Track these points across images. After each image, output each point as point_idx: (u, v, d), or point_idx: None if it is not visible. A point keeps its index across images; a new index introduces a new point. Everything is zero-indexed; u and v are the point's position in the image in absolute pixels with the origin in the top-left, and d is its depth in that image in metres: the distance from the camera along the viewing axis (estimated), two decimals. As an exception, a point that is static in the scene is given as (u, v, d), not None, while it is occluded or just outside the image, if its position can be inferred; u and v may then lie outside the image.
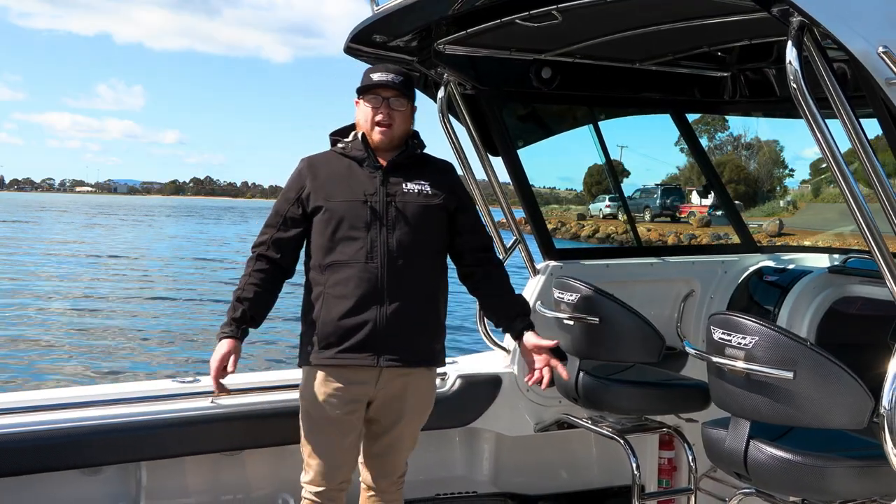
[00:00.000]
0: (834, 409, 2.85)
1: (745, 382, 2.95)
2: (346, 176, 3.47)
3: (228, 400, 3.94)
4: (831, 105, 2.57)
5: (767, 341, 2.88)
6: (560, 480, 4.85)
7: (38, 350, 15.39)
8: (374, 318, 3.37)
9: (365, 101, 3.47)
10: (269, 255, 3.51)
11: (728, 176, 57.89)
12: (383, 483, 3.65)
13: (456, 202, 3.55)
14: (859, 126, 2.57)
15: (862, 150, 2.58)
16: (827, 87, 2.56)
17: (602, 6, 3.12)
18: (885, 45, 2.47)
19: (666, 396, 4.09)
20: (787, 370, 2.81)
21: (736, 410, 3.06)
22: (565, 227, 51.49)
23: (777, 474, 2.94)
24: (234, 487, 4.11)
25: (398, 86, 3.44)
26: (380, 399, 3.51)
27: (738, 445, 3.02)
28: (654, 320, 4.40)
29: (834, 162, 2.59)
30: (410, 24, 3.83)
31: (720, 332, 3.03)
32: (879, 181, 2.58)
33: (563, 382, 4.18)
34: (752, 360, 2.89)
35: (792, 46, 2.52)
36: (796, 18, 2.50)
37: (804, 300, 4.50)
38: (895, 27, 2.56)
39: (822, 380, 2.83)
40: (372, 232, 3.39)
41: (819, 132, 2.57)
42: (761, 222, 42.92)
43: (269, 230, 3.54)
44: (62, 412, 3.71)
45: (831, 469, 2.89)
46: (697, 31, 3.58)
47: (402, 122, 3.49)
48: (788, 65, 2.52)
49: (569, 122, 5.09)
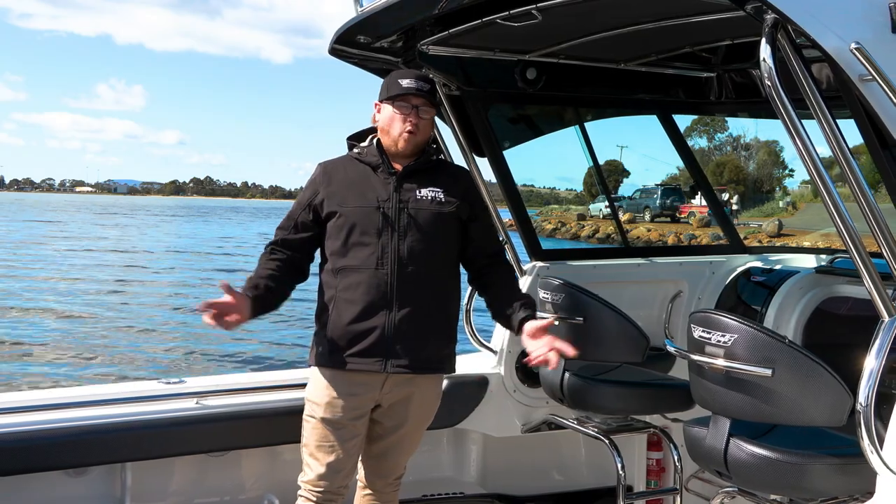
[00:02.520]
0: (813, 406, 2.86)
1: (725, 380, 2.96)
2: (360, 181, 3.49)
3: (214, 401, 3.96)
4: (807, 104, 2.58)
5: (746, 339, 2.89)
6: (548, 481, 4.85)
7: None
8: (383, 325, 3.39)
9: (394, 107, 3.46)
10: (280, 251, 3.54)
11: (727, 176, 57.97)
12: (380, 483, 3.66)
13: (469, 209, 3.55)
14: (835, 125, 2.58)
15: (838, 149, 2.58)
16: (802, 85, 2.56)
17: (580, 5, 3.13)
18: (857, 42, 2.47)
19: (651, 396, 4.10)
20: (765, 367, 2.82)
21: (716, 408, 3.06)
22: (565, 228, 51.51)
23: (757, 472, 2.94)
24: (219, 488, 4.11)
25: (427, 94, 3.45)
26: (385, 403, 3.53)
27: (719, 443, 3.02)
28: (643, 321, 4.40)
29: (810, 161, 2.59)
30: (394, 25, 3.84)
31: (700, 330, 3.03)
32: (856, 181, 2.58)
33: (549, 383, 4.19)
34: (731, 357, 2.90)
35: (766, 44, 2.53)
36: (770, 16, 2.51)
37: (791, 300, 4.51)
38: (868, 24, 2.56)
39: (801, 377, 2.84)
40: (383, 238, 3.40)
41: (794, 130, 2.58)
42: (761, 223, 42.95)
43: (280, 232, 3.59)
44: (47, 413, 3.71)
45: (810, 467, 2.90)
46: (679, 30, 3.59)
47: (426, 129, 3.51)
48: (763, 62, 2.53)
49: (555, 122, 5.10)
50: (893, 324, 2.62)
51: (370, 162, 3.51)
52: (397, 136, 3.46)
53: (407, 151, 3.48)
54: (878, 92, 2.52)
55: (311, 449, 3.50)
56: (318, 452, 3.48)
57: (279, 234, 3.59)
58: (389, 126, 3.48)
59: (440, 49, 4.04)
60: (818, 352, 2.84)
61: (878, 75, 2.48)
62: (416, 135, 3.46)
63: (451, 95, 4.39)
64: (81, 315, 19.87)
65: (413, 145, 3.47)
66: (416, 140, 3.47)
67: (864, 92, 2.53)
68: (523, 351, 4.51)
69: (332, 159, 3.64)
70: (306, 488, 3.50)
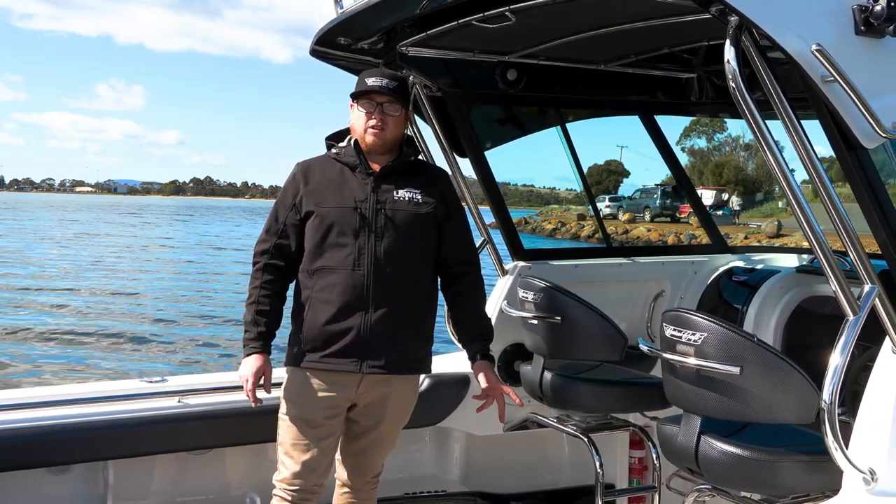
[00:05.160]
0: (781, 403, 2.88)
1: (695, 378, 2.98)
2: (338, 182, 3.49)
3: (196, 399, 3.99)
4: (772, 106, 2.61)
5: (716, 337, 2.91)
6: (531, 479, 4.87)
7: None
8: (359, 325, 3.40)
9: (359, 105, 3.48)
10: (275, 262, 3.53)
11: (727, 177, 57.97)
12: (357, 481, 3.68)
13: (445, 211, 3.56)
14: (799, 126, 2.61)
15: (802, 150, 2.61)
16: (766, 86, 2.59)
17: (552, 6, 3.14)
18: (818, 44, 2.49)
19: (629, 395, 4.12)
20: (734, 366, 2.84)
21: (687, 406, 3.09)
22: (565, 228, 51.48)
23: (727, 469, 2.97)
24: (201, 486, 4.13)
25: (392, 91, 3.45)
26: (361, 403, 3.54)
27: (690, 441, 3.05)
28: (625, 320, 4.42)
29: (774, 162, 2.62)
30: (373, 26, 3.85)
31: (671, 328, 3.06)
32: (820, 181, 2.61)
33: (528, 381, 4.22)
34: (701, 355, 2.93)
35: (730, 45, 2.55)
36: (734, 18, 2.53)
37: (772, 299, 4.53)
38: (832, 26, 2.59)
39: (769, 375, 2.87)
40: (360, 239, 3.41)
41: (758, 131, 2.61)
42: (760, 223, 42.93)
43: (270, 237, 3.55)
44: (29, 411, 3.74)
45: (780, 464, 2.92)
46: (655, 31, 3.61)
47: (395, 126, 3.50)
48: (727, 63, 2.56)
49: (537, 123, 5.12)
50: (858, 322, 2.65)
51: (348, 162, 3.52)
52: (363, 133, 3.48)
53: (375, 147, 3.49)
54: (841, 93, 2.54)
55: (287, 447, 3.52)
56: (293, 451, 3.49)
57: (269, 240, 3.54)
58: (356, 124, 3.51)
59: (420, 50, 4.06)
60: (798, 350, 2.86)
61: (839, 76, 2.50)
62: (384, 132, 3.46)
63: (432, 96, 4.41)
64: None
65: (382, 141, 3.48)
66: (384, 137, 3.47)
67: (827, 93, 2.56)
68: (504, 350, 4.55)
69: (310, 159, 3.64)
70: (281, 487, 3.51)
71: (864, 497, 2.64)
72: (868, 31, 2.59)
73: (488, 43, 4.01)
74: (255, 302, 3.50)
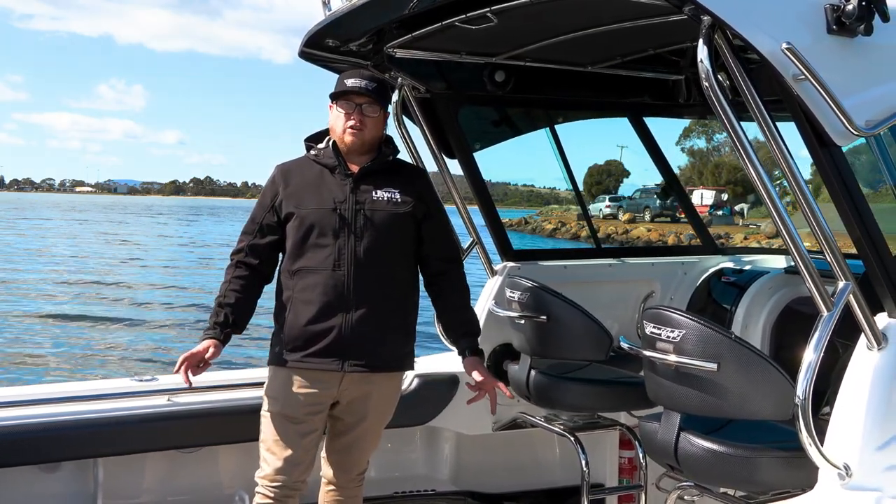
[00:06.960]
0: (758, 400, 2.91)
1: (674, 375, 3.01)
2: (317, 183, 3.53)
3: (186, 397, 4.01)
4: (747, 106, 2.64)
5: (694, 334, 2.94)
6: (520, 478, 4.89)
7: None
8: (340, 325, 3.44)
9: (338, 106, 3.53)
10: (248, 261, 3.59)
11: (726, 177, 57.90)
12: (343, 478, 3.71)
13: (424, 209, 3.60)
14: (773, 125, 2.63)
15: (776, 149, 2.64)
16: (740, 85, 2.62)
17: (533, 7, 3.17)
18: (788, 42, 2.52)
19: (615, 394, 4.14)
20: (711, 362, 2.87)
21: (667, 403, 3.12)
22: (565, 228, 51.47)
23: (706, 465, 2.99)
24: (191, 484, 4.17)
25: (371, 92, 3.50)
26: (344, 400, 3.58)
27: (670, 438, 3.08)
28: (615, 321, 4.44)
29: (748, 161, 2.65)
30: (361, 28, 3.87)
31: (651, 326, 3.09)
32: (795, 180, 2.64)
33: (516, 381, 4.24)
34: (679, 352, 2.95)
35: (703, 45, 2.58)
36: (706, 18, 2.56)
37: (760, 299, 4.56)
38: (804, 25, 2.62)
39: (746, 372, 2.90)
40: (340, 240, 3.45)
41: (731, 130, 2.63)
42: (759, 223, 42.87)
43: (245, 237, 3.61)
44: (20, 409, 3.77)
45: (758, 460, 2.94)
46: (636, 33, 3.63)
47: (374, 127, 3.55)
48: (700, 63, 2.59)
49: (526, 124, 5.14)
50: (831, 319, 2.68)
51: (327, 163, 3.56)
52: (342, 134, 3.52)
53: (354, 147, 3.53)
54: (812, 91, 2.57)
55: (269, 444, 3.55)
56: (275, 447, 3.53)
57: (245, 239, 3.61)
58: (335, 125, 3.55)
59: (407, 52, 4.08)
60: (786, 350, 2.88)
61: (810, 74, 2.53)
62: (363, 132, 3.50)
63: (420, 98, 4.43)
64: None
65: (360, 140, 3.52)
66: (362, 137, 3.51)
67: (799, 91, 2.59)
68: (493, 350, 4.58)
69: (290, 161, 3.69)
70: (263, 484, 3.54)
71: (838, 492, 2.67)
72: (840, 31, 2.62)
73: (474, 44, 4.04)
74: (221, 295, 3.58)
